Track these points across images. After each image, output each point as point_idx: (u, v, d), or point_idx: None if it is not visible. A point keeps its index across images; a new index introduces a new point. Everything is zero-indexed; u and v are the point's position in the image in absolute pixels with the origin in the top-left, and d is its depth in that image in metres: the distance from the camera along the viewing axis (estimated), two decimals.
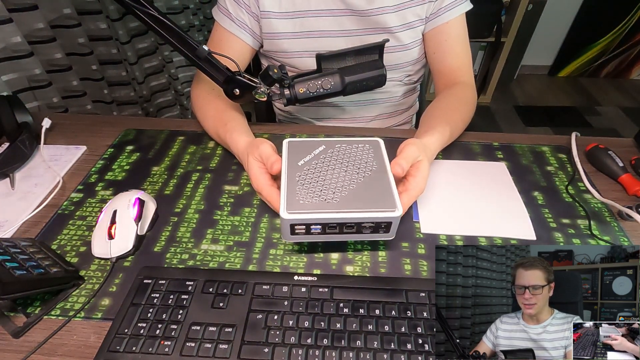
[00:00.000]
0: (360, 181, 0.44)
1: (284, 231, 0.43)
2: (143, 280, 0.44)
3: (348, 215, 0.41)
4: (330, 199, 0.42)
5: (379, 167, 0.45)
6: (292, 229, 0.42)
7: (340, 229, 0.42)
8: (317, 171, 0.45)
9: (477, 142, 0.67)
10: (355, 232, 0.43)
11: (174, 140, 0.68)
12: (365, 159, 0.46)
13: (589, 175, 0.59)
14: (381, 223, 0.42)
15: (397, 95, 0.78)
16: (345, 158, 0.46)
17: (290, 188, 0.43)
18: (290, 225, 0.42)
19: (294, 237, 0.43)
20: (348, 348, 0.38)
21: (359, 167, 0.45)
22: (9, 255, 0.40)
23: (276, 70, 0.54)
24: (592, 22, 2.25)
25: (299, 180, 0.44)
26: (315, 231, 0.42)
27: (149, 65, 1.58)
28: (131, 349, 0.38)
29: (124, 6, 0.50)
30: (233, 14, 0.66)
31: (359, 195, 0.42)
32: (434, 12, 0.67)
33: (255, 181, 0.47)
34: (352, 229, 0.42)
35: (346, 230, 0.42)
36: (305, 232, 0.43)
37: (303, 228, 0.42)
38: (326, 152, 0.47)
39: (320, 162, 0.46)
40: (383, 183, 0.44)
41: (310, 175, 0.44)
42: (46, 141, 0.65)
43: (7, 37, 0.99)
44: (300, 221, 0.41)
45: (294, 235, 0.43)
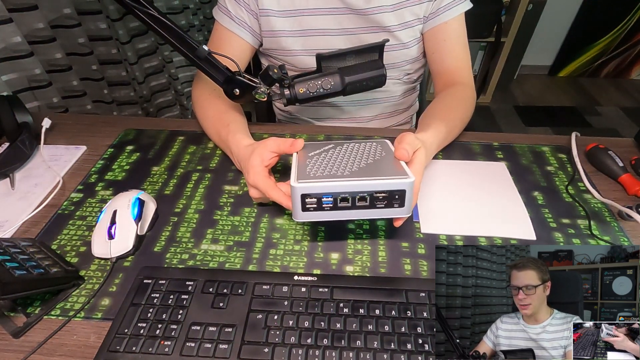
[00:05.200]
0: (370, 162, 0.44)
1: (294, 207, 0.42)
2: (143, 280, 0.44)
3: (360, 182, 0.40)
4: (341, 173, 0.42)
5: (387, 155, 0.46)
6: (303, 202, 0.41)
7: (352, 203, 0.41)
8: (328, 157, 0.46)
9: (477, 142, 0.67)
10: (369, 207, 0.42)
11: (174, 140, 0.68)
12: (374, 151, 0.47)
13: (589, 175, 0.59)
14: (394, 193, 0.41)
15: (397, 94, 0.78)
16: (354, 151, 0.47)
17: (301, 165, 0.43)
18: (301, 197, 0.41)
19: (306, 214, 0.42)
20: (348, 348, 0.38)
21: (367, 155, 0.46)
22: (9, 255, 0.40)
23: (276, 70, 0.54)
24: (592, 22, 2.25)
25: (310, 161, 0.44)
26: (327, 205, 0.41)
27: (149, 65, 1.58)
28: (131, 349, 0.38)
29: (124, 6, 0.50)
30: (233, 12, 0.66)
31: (370, 168, 0.42)
32: (433, 11, 0.67)
33: (253, 171, 0.47)
34: (364, 202, 0.41)
35: (359, 203, 0.41)
36: (316, 208, 0.41)
37: (314, 202, 0.41)
38: (335, 148, 0.48)
39: (330, 154, 0.47)
40: (393, 160, 0.44)
41: (322, 159, 0.45)
42: (46, 141, 0.65)
43: (7, 37, 0.99)
44: (312, 190, 0.40)
45: (305, 212, 0.42)
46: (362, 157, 0.46)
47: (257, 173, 0.47)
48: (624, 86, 2.43)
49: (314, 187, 0.40)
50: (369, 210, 0.42)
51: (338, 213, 0.42)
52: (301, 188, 0.40)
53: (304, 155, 0.47)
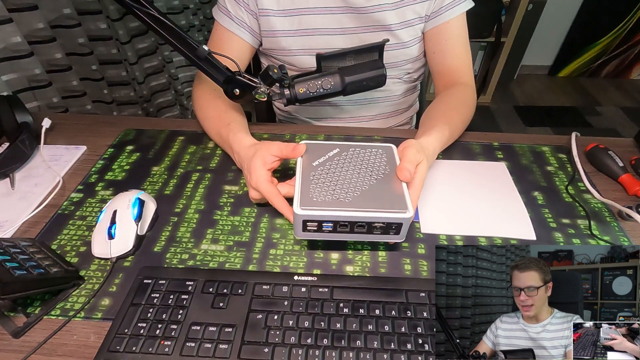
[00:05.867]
0: (372, 183, 0.44)
1: (296, 227, 0.43)
2: (143, 280, 0.44)
3: (360, 214, 0.41)
4: (343, 198, 0.42)
5: (391, 171, 0.46)
6: (304, 226, 0.43)
7: (351, 228, 0.43)
8: (331, 172, 0.46)
9: (477, 142, 0.67)
10: (366, 232, 0.43)
11: (174, 140, 0.68)
12: (378, 163, 0.47)
13: (589, 175, 0.59)
14: (392, 224, 0.42)
15: (397, 94, 0.78)
16: (359, 161, 0.47)
17: (305, 186, 0.44)
18: (302, 222, 0.42)
19: (306, 234, 0.44)
20: (348, 348, 0.38)
21: (372, 170, 0.46)
22: (9, 255, 0.40)
23: (276, 70, 0.54)
24: (592, 22, 2.25)
25: (313, 179, 0.44)
26: (327, 229, 0.43)
27: (149, 65, 1.58)
28: (131, 349, 0.38)
29: (124, 6, 0.50)
30: (232, 12, 0.66)
31: (371, 196, 0.43)
32: (434, 10, 0.67)
33: (255, 174, 0.47)
34: (362, 229, 0.43)
35: (357, 229, 0.43)
36: (316, 230, 0.43)
37: (315, 225, 0.43)
38: (340, 154, 0.48)
39: (334, 164, 0.47)
40: (395, 186, 0.44)
41: (324, 175, 0.45)
42: (46, 141, 0.65)
43: (7, 37, 0.99)
44: (313, 217, 0.42)
45: (305, 232, 0.44)
46: (366, 174, 0.45)
47: (260, 177, 0.47)
48: (624, 86, 2.42)
49: (316, 215, 0.41)
50: (367, 235, 0.44)
51: (337, 235, 0.44)
52: (303, 215, 0.41)
53: (308, 164, 0.46)
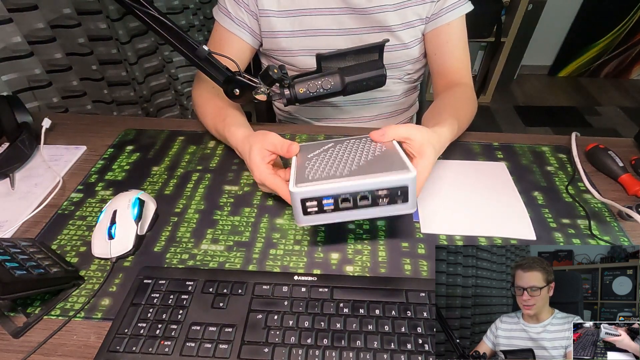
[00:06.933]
0: (370, 158, 0.43)
1: (296, 212, 0.41)
2: (143, 280, 0.44)
3: (360, 181, 0.39)
4: (340, 173, 0.41)
5: (387, 149, 0.45)
6: (303, 207, 0.40)
7: (354, 203, 0.40)
8: (327, 157, 0.45)
9: (477, 142, 0.67)
10: (371, 205, 0.40)
11: (174, 140, 0.68)
12: (374, 147, 0.46)
13: (589, 175, 0.59)
14: (397, 189, 0.39)
15: (397, 94, 0.78)
16: (354, 148, 0.47)
17: (300, 168, 0.42)
18: (301, 202, 0.40)
19: (307, 218, 0.41)
20: (348, 348, 0.38)
21: (367, 152, 0.45)
22: (9, 255, 0.40)
23: (276, 70, 0.54)
24: (592, 22, 2.25)
25: (309, 163, 0.43)
26: (329, 208, 0.40)
27: (149, 65, 1.58)
28: (131, 349, 0.38)
29: (124, 6, 0.50)
30: (232, 13, 0.66)
31: (369, 167, 0.41)
32: (435, 12, 0.67)
33: (257, 171, 0.48)
34: (367, 201, 0.40)
35: (361, 203, 0.40)
36: (317, 211, 0.40)
37: (315, 205, 0.40)
38: (335, 146, 0.48)
39: (330, 153, 0.46)
40: (393, 154, 0.42)
41: (320, 160, 0.44)
42: (46, 141, 0.65)
43: (7, 37, 0.99)
44: (311, 194, 0.39)
45: (307, 215, 0.41)
46: (362, 153, 0.44)
47: (262, 172, 0.48)
48: (624, 86, 2.42)
49: (313, 191, 0.39)
50: (373, 209, 0.40)
51: (341, 214, 0.41)
52: (300, 193, 0.39)
53: (303, 157, 0.46)
